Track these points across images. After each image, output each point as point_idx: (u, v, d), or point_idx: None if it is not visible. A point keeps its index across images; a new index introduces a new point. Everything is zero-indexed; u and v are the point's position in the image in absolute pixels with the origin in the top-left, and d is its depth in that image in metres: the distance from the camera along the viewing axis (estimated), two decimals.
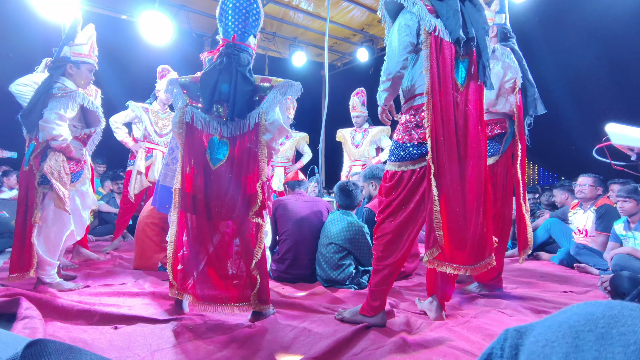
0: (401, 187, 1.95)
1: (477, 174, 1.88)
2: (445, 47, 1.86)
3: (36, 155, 2.51)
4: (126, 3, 6.00)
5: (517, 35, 2.74)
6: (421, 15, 1.86)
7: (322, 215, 3.12)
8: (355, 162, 5.06)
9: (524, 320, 2.10)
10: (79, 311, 2.01)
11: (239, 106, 2.01)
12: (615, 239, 3.40)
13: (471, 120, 1.89)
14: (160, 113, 4.25)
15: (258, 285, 1.98)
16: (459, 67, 1.90)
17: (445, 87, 1.84)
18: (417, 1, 1.88)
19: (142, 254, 3.25)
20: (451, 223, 1.85)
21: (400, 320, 2.07)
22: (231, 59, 2.05)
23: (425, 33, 1.86)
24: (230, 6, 2.10)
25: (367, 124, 5.07)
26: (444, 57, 1.86)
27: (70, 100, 2.53)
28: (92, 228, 4.94)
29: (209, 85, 2.04)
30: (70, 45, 2.63)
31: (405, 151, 1.95)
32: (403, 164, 1.95)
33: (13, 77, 2.78)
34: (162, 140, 4.23)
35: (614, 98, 5.02)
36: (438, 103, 1.83)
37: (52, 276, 2.55)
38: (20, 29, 5.33)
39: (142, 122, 4.11)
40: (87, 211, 2.83)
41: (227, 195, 2.01)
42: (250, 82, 2.05)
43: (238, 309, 1.99)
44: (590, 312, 0.39)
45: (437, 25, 1.85)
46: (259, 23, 2.18)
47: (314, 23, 6.97)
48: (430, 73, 1.84)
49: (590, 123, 1.89)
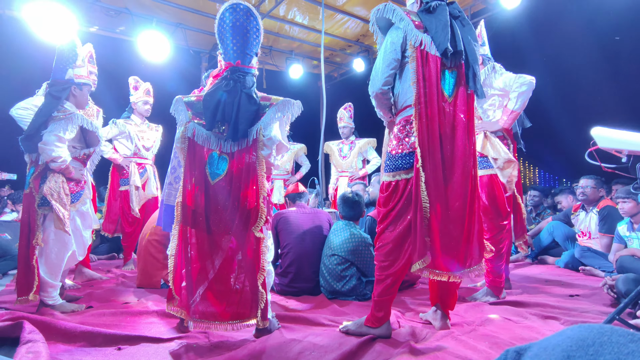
0: (397, 196, 1.99)
1: (463, 180, 1.94)
2: (430, 60, 1.93)
3: (36, 177, 2.52)
4: (124, 22, 6.09)
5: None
6: (407, 31, 1.94)
7: (323, 227, 3.12)
8: (342, 173, 5.18)
9: (530, 327, 2.09)
10: (82, 333, 1.99)
11: (242, 127, 2.04)
12: (619, 240, 3.39)
13: (459, 128, 1.95)
14: (142, 126, 4.20)
15: (264, 301, 1.97)
16: (446, 78, 1.97)
17: (431, 98, 1.91)
18: (404, 17, 1.95)
19: (145, 271, 3.24)
20: (440, 230, 1.89)
21: (405, 331, 2.06)
22: (237, 83, 2.09)
23: (412, 47, 1.93)
24: (230, 24, 2.10)
25: (353, 136, 5.21)
26: (429, 69, 1.92)
27: (70, 123, 2.55)
28: (95, 247, 4.92)
29: (211, 105, 2.07)
30: (73, 67, 2.67)
31: (398, 161, 1.99)
32: (397, 174, 1.99)
33: (11, 99, 2.80)
34: (149, 153, 4.20)
35: (609, 99, 5.05)
36: (424, 113, 1.90)
37: (54, 298, 2.54)
38: (18, 51, 5.40)
39: (132, 139, 4.08)
40: (88, 231, 2.83)
41: (226, 210, 2.02)
42: (255, 102, 2.08)
43: (242, 325, 1.98)
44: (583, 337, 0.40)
45: (423, 39, 1.92)
46: (260, 40, 2.21)
47: (309, 36, 7.05)
48: (416, 85, 1.91)
49: (587, 124, 1.90)
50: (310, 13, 6.28)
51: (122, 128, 4.05)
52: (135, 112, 4.18)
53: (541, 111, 4.71)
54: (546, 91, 5.19)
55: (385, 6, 1.99)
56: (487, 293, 2.71)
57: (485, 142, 2.74)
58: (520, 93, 2.62)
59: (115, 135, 4.07)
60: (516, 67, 2.92)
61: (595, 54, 5.08)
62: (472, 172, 1.99)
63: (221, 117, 2.06)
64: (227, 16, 2.10)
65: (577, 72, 5.22)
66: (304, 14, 6.31)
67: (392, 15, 1.97)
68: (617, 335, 0.38)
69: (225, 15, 2.10)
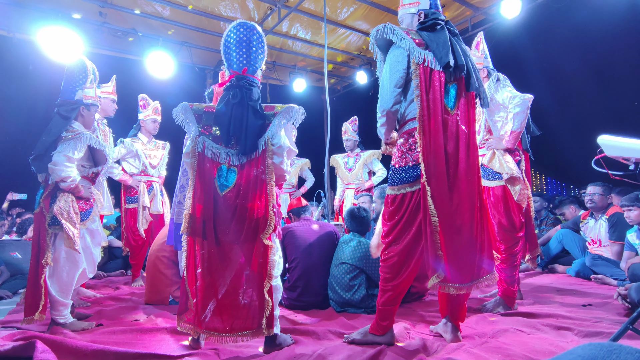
0: (402, 210, 2.00)
1: (469, 191, 1.97)
2: (434, 75, 1.98)
3: (46, 197, 2.55)
4: (131, 43, 6.22)
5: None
6: (410, 49, 1.99)
7: (330, 240, 3.12)
8: (348, 185, 5.22)
9: (543, 339, 2.06)
10: (93, 351, 1.99)
11: (250, 142, 2.07)
12: (630, 248, 3.35)
13: (462, 140, 1.99)
14: (149, 144, 4.28)
15: (269, 309, 1.97)
16: (449, 92, 2.02)
17: (435, 112, 1.95)
18: (404, 36, 2.00)
19: (154, 287, 3.25)
20: (450, 243, 1.90)
21: (416, 343, 2.04)
22: (243, 92, 2.13)
23: (415, 64, 1.98)
24: (234, 39, 2.19)
25: (358, 148, 5.28)
26: (434, 84, 1.97)
27: (79, 142, 2.59)
28: (103, 264, 4.94)
29: (224, 122, 2.11)
30: (82, 88, 2.73)
31: (402, 174, 2.02)
32: (402, 187, 2.02)
33: (19, 119, 2.85)
34: (155, 171, 4.26)
35: (615, 106, 5.04)
36: (428, 127, 1.93)
37: (65, 316, 2.55)
38: (27, 73, 5.52)
39: (140, 157, 4.15)
40: (97, 248, 2.85)
41: (233, 221, 2.03)
42: (261, 116, 2.12)
43: (250, 338, 1.98)
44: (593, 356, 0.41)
45: (425, 56, 1.98)
46: (264, 56, 2.26)
47: (312, 50, 7.15)
48: (420, 99, 1.95)
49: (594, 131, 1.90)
50: (313, 28, 6.38)
51: (130, 147, 4.12)
52: (143, 129, 4.25)
53: (548, 118, 4.71)
54: (551, 98, 5.20)
55: (385, 27, 2.04)
56: (499, 303, 2.69)
57: (493, 156, 2.77)
58: (515, 114, 2.64)
59: (124, 155, 4.14)
60: (519, 76, 2.94)
61: (599, 62, 5.09)
62: (477, 182, 2.02)
63: (234, 132, 2.10)
64: (232, 33, 2.19)
65: (583, 79, 5.22)
66: (306, 29, 6.41)
67: (393, 36, 2.02)
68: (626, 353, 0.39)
69: (231, 33, 2.20)
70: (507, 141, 2.72)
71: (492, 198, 2.77)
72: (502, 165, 2.70)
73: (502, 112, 2.80)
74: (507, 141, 2.72)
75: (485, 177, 2.80)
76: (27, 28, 5.38)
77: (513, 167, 2.67)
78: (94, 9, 5.41)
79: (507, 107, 2.72)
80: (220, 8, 5.73)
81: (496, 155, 2.75)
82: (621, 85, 4.99)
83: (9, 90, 5.52)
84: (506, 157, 2.72)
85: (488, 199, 2.79)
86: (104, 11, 5.46)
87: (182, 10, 5.64)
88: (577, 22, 5.11)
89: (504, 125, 2.79)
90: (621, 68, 4.95)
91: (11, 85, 5.53)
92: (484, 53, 2.96)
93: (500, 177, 2.72)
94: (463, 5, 5.85)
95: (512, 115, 2.66)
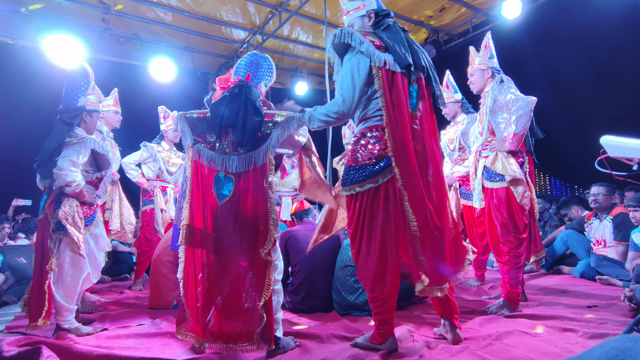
0: (364, 208, 1.98)
1: (438, 185, 2.03)
2: (397, 77, 1.98)
3: (50, 203, 2.56)
4: (133, 48, 6.27)
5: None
6: (370, 53, 1.95)
7: (333, 243, 3.11)
8: None
9: (548, 340, 2.05)
10: (98, 356, 2.00)
11: (248, 131, 2.06)
12: (635, 249, 3.33)
13: (426, 138, 2.04)
14: (170, 152, 4.41)
15: (264, 323, 1.94)
16: (411, 94, 2.04)
17: (400, 107, 1.95)
18: (364, 40, 1.96)
19: (158, 291, 3.26)
20: (427, 246, 1.90)
21: (419, 346, 2.04)
22: (242, 90, 2.16)
23: (376, 68, 1.96)
24: (246, 60, 2.31)
25: None
26: (397, 85, 1.96)
27: (83, 147, 2.61)
28: (107, 268, 4.94)
29: (219, 111, 2.12)
30: (85, 95, 2.75)
31: (363, 171, 1.98)
32: (366, 183, 1.96)
33: (22, 126, 2.88)
34: (172, 178, 4.37)
35: (618, 107, 5.03)
36: (394, 121, 1.93)
37: (70, 322, 2.56)
38: (31, 79, 5.57)
39: (157, 162, 4.27)
40: (101, 253, 2.86)
41: (233, 230, 2.03)
42: (260, 113, 2.11)
43: (251, 348, 1.96)
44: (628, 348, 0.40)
45: (386, 59, 1.96)
46: (271, 76, 2.35)
47: (313, 53, 7.17)
48: (384, 99, 1.94)
49: (596, 130, 1.90)
50: (314, 31, 6.41)
51: (152, 151, 4.25)
52: (166, 139, 4.43)
53: (550, 118, 4.68)
54: (553, 99, 5.18)
55: (342, 31, 1.99)
56: (503, 305, 2.67)
57: (496, 158, 2.76)
58: (518, 116, 2.63)
59: (146, 159, 4.27)
60: (520, 77, 2.93)
61: (601, 62, 5.08)
62: (441, 175, 2.08)
63: (227, 122, 2.09)
64: (245, 58, 2.33)
65: (584, 79, 5.20)
66: (307, 32, 6.44)
67: (351, 40, 1.97)
68: None
69: (244, 58, 2.33)
70: (510, 143, 2.71)
71: (495, 200, 2.76)
72: (505, 167, 2.69)
73: (505, 113, 2.79)
74: (510, 143, 2.71)
75: (488, 179, 2.79)
76: (31, 35, 5.44)
77: (516, 170, 2.67)
78: (97, 15, 5.46)
79: (510, 109, 2.72)
80: (222, 13, 5.77)
81: (499, 157, 2.74)
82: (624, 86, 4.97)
83: (13, 97, 5.57)
84: (509, 160, 2.71)
85: (491, 201, 2.78)
86: (107, 17, 5.51)
87: (183, 16, 5.68)
88: (578, 22, 5.11)
89: (507, 127, 2.78)
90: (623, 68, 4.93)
91: (15, 92, 5.58)
92: (489, 53, 2.93)
93: (503, 179, 2.72)
94: (464, 7, 5.86)
95: (515, 118, 2.66)
